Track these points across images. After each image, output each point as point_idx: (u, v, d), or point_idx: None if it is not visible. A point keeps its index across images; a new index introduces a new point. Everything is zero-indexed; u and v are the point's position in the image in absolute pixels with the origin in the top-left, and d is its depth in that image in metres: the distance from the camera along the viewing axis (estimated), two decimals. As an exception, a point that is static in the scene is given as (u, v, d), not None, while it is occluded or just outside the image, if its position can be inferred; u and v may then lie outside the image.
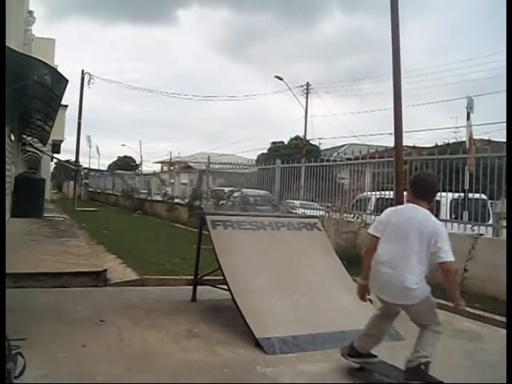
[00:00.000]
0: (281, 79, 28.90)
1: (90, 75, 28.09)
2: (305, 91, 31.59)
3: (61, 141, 27.47)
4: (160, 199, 18.12)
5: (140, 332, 4.10)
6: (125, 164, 49.80)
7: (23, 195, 13.19)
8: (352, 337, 4.13)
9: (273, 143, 36.61)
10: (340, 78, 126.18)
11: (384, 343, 4.15)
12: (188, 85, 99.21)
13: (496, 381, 3.26)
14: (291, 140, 35.83)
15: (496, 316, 5.08)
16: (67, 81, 8.89)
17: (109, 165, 54.00)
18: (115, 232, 11.23)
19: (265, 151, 35.62)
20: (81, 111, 27.66)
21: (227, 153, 34.46)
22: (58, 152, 30.63)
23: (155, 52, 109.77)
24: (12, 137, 12.33)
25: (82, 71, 28.05)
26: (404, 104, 7.35)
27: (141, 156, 44.71)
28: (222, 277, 4.54)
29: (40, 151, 22.15)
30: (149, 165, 54.65)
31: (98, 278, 6.12)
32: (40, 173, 21.77)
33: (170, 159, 46.19)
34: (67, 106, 24.24)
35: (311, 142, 32.53)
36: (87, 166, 40.85)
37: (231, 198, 13.21)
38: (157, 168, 39.94)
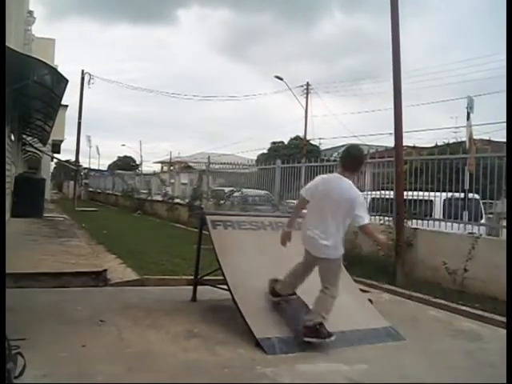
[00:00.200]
0: (281, 79, 28.92)
1: (90, 75, 28.15)
2: (305, 91, 31.60)
3: (61, 141, 27.46)
4: (160, 199, 18.11)
5: (140, 332, 4.09)
6: (125, 164, 49.80)
7: (23, 195, 13.18)
8: (352, 337, 4.16)
9: (273, 143, 36.67)
10: (340, 78, 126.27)
11: (384, 343, 4.18)
12: (188, 85, 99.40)
13: (496, 381, 3.26)
14: (291, 140, 35.86)
15: (496, 316, 5.07)
16: (67, 81, 8.89)
17: (109, 165, 54.08)
18: (115, 232, 11.24)
19: (265, 151, 35.71)
20: (81, 111, 27.74)
21: (227, 153, 34.51)
22: (58, 152, 30.61)
23: (155, 52, 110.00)
24: (12, 137, 12.33)
25: (82, 71, 28.09)
26: (404, 104, 7.35)
27: (141, 156, 44.81)
28: (222, 277, 4.53)
29: (40, 151, 22.15)
30: (149, 165, 54.67)
31: (98, 278, 6.12)
32: (40, 173, 21.78)
33: (170, 159, 46.23)
34: (67, 106, 24.24)
35: (311, 142, 32.56)
36: (87, 166, 40.97)
37: (231, 198, 13.21)
38: (157, 168, 40.05)
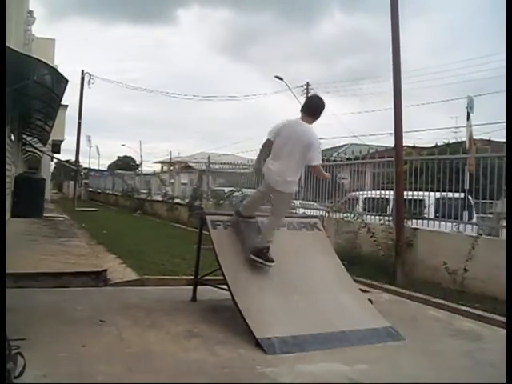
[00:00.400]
0: (281, 79, 28.86)
1: (90, 75, 28.20)
2: (305, 91, 31.50)
3: (61, 141, 27.46)
4: (160, 199, 18.11)
5: (140, 332, 4.09)
6: (125, 164, 49.77)
7: (23, 195, 13.18)
8: (352, 337, 4.16)
9: (273, 143, 36.55)
10: (340, 78, 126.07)
11: (384, 343, 4.18)
12: (188, 85, 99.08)
13: (496, 381, 3.26)
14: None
15: (496, 316, 5.07)
16: (67, 81, 8.90)
17: (109, 165, 54.03)
18: (115, 232, 11.24)
19: (265, 151, 35.56)
20: (81, 111, 27.77)
21: (227, 153, 34.35)
22: (58, 152, 30.61)
23: (155, 52, 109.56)
24: (12, 137, 12.33)
25: (82, 71, 28.14)
26: (404, 104, 7.35)
27: (141, 156, 44.68)
28: (222, 277, 4.53)
29: (40, 151, 22.15)
30: (149, 165, 54.45)
31: (98, 278, 6.12)
32: (40, 173, 21.79)
33: (170, 159, 46.11)
34: (67, 106, 24.25)
35: (311, 142, 32.47)
36: (87, 166, 40.84)
37: (231, 198, 13.21)
38: (157, 168, 39.93)
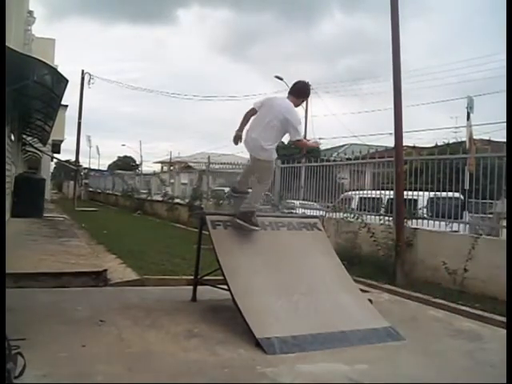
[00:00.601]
0: (281, 79, 28.80)
1: (90, 75, 28.12)
2: (305, 91, 31.52)
3: (61, 141, 27.45)
4: (160, 199, 18.09)
5: (140, 332, 4.09)
6: (125, 164, 49.75)
7: (23, 195, 13.17)
8: (352, 337, 4.16)
9: (273, 143, 36.54)
10: (340, 78, 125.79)
11: (384, 343, 4.18)
12: (188, 85, 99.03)
13: (496, 381, 3.26)
14: (291, 140, 35.76)
15: (496, 316, 5.07)
16: (67, 81, 8.89)
17: (109, 165, 54.02)
18: (115, 232, 11.23)
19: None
20: (81, 111, 27.75)
21: (227, 153, 34.30)
22: (58, 152, 30.61)
23: (155, 52, 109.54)
24: (12, 137, 12.33)
25: (82, 71, 28.09)
26: (404, 104, 7.34)
27: (141, 156, 44.77)
28: (222, 277, 4.53)
29: (40, 151, 22.14)
30: (149, 165, 54.44)
31: (98, 278, 6.12)
32: (40, 173, 21.77)
33: (170, 159, 46.11)
34: (67, 106, 24.24)
35: (311, 142, 32.47)
36: (87, 166, 40.88)
37: (231, 198, 13.18)
38: (157, 168, 39.96)
